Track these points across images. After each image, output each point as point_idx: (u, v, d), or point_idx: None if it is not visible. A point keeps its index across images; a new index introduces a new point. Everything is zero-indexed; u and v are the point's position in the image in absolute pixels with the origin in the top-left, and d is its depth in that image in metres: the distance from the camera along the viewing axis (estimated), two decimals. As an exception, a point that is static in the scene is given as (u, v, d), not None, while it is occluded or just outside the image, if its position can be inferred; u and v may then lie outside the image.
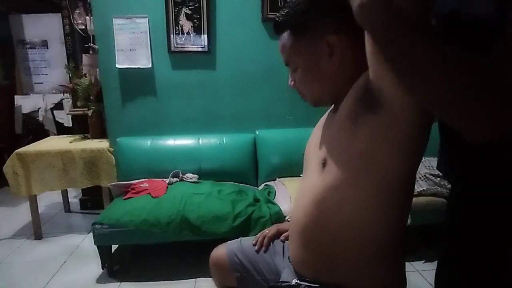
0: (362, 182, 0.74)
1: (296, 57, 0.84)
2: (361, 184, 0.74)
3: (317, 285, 0.86)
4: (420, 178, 2.20)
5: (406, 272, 0.88)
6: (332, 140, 0.82)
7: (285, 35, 0.84)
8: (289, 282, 0.92)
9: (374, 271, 0.82)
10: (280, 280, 0.97)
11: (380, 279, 0.83)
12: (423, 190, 2.11)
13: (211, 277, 1.27)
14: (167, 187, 2.17)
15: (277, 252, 1.11)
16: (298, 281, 0.90)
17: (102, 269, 2.06)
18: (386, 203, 0.76)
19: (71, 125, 3.29)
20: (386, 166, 0.72)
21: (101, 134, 2.64)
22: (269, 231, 1.17)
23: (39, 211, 2.56)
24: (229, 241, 1.23)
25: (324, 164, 0.81)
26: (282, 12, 0.84)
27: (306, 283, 0.88)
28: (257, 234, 1.19)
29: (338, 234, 0.80)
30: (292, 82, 0.90)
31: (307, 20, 0.81)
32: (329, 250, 0.83)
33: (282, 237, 1.14)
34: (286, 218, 1.94)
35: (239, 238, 1.22)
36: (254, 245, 1.14)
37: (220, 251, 1.19)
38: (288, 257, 1.00)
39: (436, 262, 0.73)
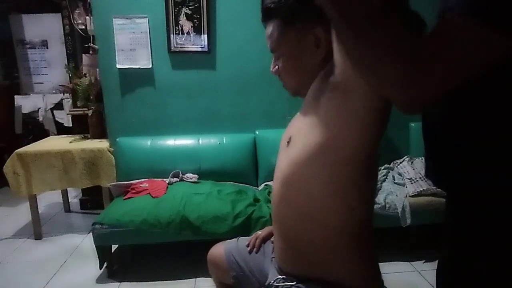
0: (320, 158, 0.76)
1: (282, 45, 0.86)
2: (320, 160, 0.76)
3: (294, 282, 0.87)
4: (420, 178, 2.20)
5: (406, 272, 0.88)
6: (298, 121, 0.86)
7: (274, 22, 0.86)
8: (269, 283, 0.93)
9: (344, 262, 0.82)
10: (266, 284, 0.97)
11: (352, 271, 0.82)
12: (423, 190, 2.11)
13: (211, 276, 1.28)
14: (167, 187, 2.17)
15: (267, 253, 1.11)
16: (274, 282, 0.90)
17: (100, 269, 2.06)
18: (344, 182, 0.77)
19: (71, 125, 3.29)
20: (342, 144, 0.74)
21: (101, 134, 2.64)
22: (262, 232, 1.17)
23: (39, 211, 2.56)
24: (227, 240, 1.24)
25: (289, 142, 0.85)
26: (274, 0, 0.84)
27: (284, 282, 0.88)
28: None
29: (304, 213, 0.81)
30: (275, 68, 0.92)
31: (298, 11, 0.82)
32: (298, 232, 0.84)
33: (272, 238, 1.14)
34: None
35: (237, 238, 1.23)
36: (248, 245, 1.15)
37: (218, 250, 1.20)
38: (273, 257, 1.01)
39: (436, 262, 0.73)
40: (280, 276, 0.91)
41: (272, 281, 0.91)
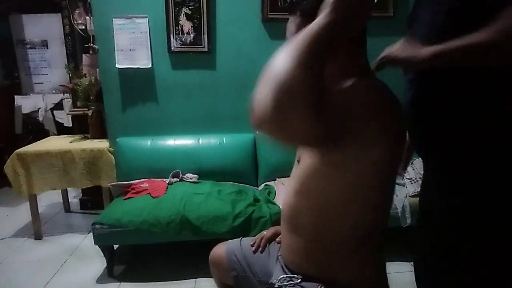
0: (330, 175, 0.79)
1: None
2: (329, 177, 0.79)
3: (299, 280, 0.88)
4: (420, 178, 2.19)
5: (406, 272, 0.89)
6: None
7: (296, 16, 0.90)
8: (273, 282, 0.94)
9: (350, 264, 0.84)
10: (269, 282, 0.98)
11: (357, 275, 0.85)
12: (423, 190, 2.10)
13: (211, 277, 1.28)
14: (167, 187, 2.17)
15: (272, 254, 1.12)
16: (278, 282, 0.91)
17: (108, 268, 2.06)
18: (354, 193, 0.79)
19: (71, 125, 3.29)
20: (353, 168, 0.76)
21: (101, 134, 2.64)
22: (267, 232, 1.18)
23: (39, 211, 2.56)
24: (230, 240, 1.24)
25: (299, 160, 0.90)
26: None
27: (289, 281, 0.89)
28: (257, 235, 1.20)
29: (318, 215, 0.84)
30: None
31: (315, 10, 0.83)
32: (310, 230, 0.87)
33: (278, 239, 1.15)
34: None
35: (240, 238, 1.23)
36: (252, 245, 1.16)
37: (220, 250, 1.21)
38: (279, 255, 1.02)
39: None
40: (284, 275, 0.92)
41: (277, 280, 0.92)
